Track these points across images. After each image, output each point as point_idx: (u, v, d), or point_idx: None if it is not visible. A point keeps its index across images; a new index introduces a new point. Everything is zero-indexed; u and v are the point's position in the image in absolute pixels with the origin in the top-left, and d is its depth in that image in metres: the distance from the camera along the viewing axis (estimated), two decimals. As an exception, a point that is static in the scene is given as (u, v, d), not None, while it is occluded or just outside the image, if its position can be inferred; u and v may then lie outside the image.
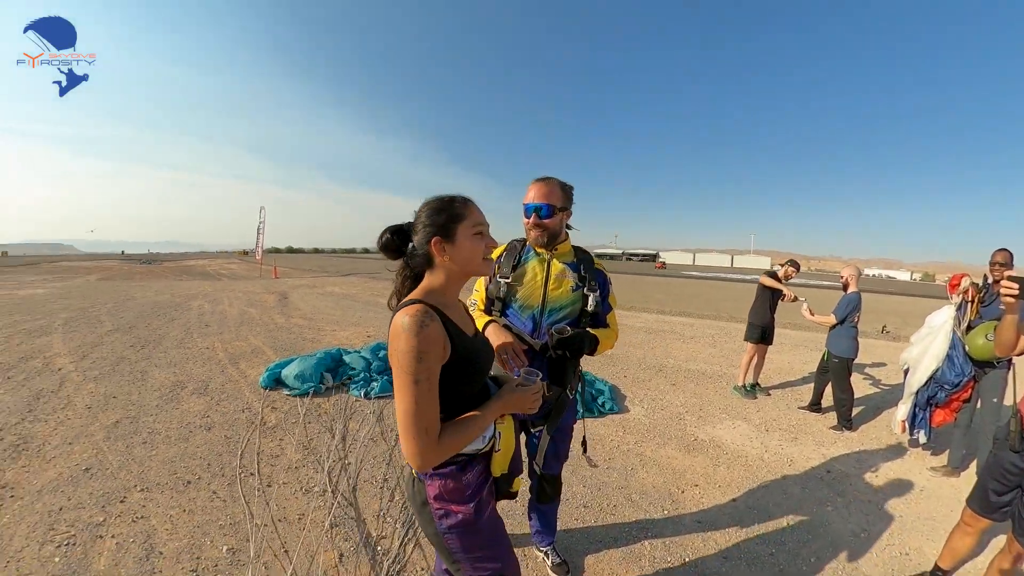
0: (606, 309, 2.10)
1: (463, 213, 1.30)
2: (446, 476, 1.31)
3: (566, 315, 2.01)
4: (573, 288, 2.01)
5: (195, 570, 2.39)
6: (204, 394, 5.06)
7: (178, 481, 3.26)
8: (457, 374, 1.25)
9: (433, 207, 1.31)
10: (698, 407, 5.06)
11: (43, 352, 6.78)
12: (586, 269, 2.05)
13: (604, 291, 2.09)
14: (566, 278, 2.01)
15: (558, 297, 2.00)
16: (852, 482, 3.55)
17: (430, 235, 1.29)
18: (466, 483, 1.32)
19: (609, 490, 3.26)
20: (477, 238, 1.32)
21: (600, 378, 5.60)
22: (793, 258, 5.76)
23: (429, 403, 1.16)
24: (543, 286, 2.01)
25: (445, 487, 1.31)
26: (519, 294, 2.02)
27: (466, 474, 1.33)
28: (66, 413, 4.48)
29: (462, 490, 1.31)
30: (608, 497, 3.16)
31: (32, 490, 3.13)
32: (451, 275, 1.33)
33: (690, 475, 3.50)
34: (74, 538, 2.65)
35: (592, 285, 2.03)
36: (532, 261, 2.05)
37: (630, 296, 19.11)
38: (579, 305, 2.03)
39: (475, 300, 2.14)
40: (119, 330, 8.49)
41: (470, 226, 1.30)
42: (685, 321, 11.59)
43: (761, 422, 4.68)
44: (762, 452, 3.95)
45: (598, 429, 4.28)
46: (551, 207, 1.94)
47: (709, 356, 7.72)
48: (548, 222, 1.96)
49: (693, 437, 4.22)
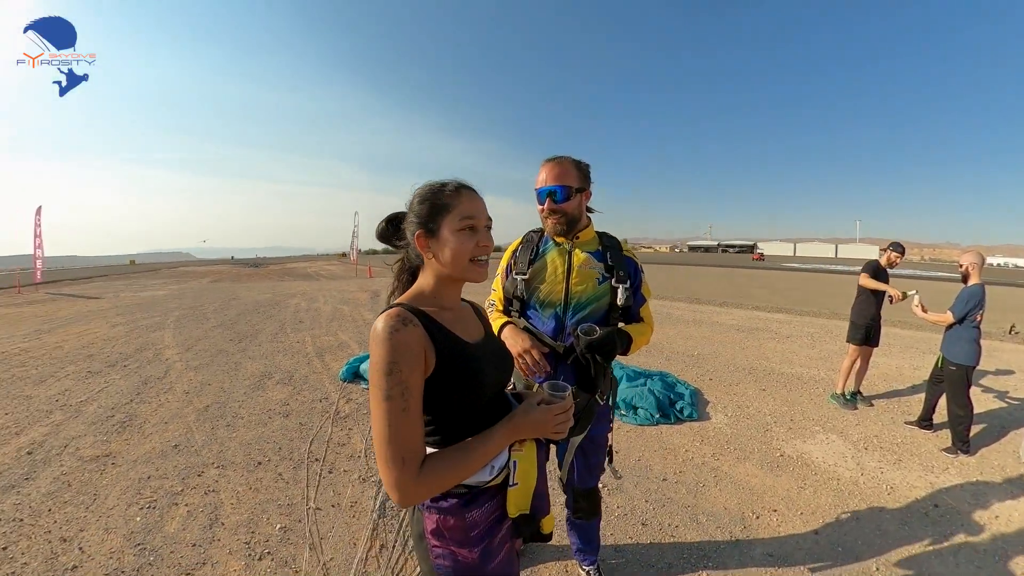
0: (639, 302, 1.88)
1: (449, 203, 1.09)
2: (446, 511, 1.08)
3: (593, 311, 1.80)
4: (599, 280, 1.80)
5: (248, 543, 2.56)
6: (288, 384, 5.45)
7: (250, 461, 3.52)
8: (449, 387, 1.04)
9: (419, 195, 1.13)
10: (788, 417, 4.57)
11: (155, 344, 7.71)
12: (613, 257, 1.83)
13: (636, 281, 1.87)
14: (590, 269, 1.81)
15: (582, 291, 1.80)
16: (965, 522, 2.94)
17: (414, 228, 1.12)
18: (471, 522, 1.09)
19: (674, 507, 2.99)
20: (464, 234, 1.09)
21: (682, 380, 5.26)
22: (898, 241, 4.93)
23: (405, 424, 0.95)
24: (564, 280, 1.81)
25: (445, 523, 1.09)
26: (538, 291, 1.84)
27: (471, 511, 1.09)
28: (167, 397, 5.03)
29: (466, 530, 1.09)
30: (671, 515, 2.90)
31: (129, 459, 3.55)
32: (440, 275, 1.13)
33: (769, 497, 3.13)
34: (155, 503, 2.96)
35: (621, 275, 1.81)
36: (551, 252, 1.86)
37: (722, 291, 17.96)
38: (607, 299, 1.81)
39: (492, 301, 1.99)
40: (222, 326, 9.42)
41: (456, 219, 1.08)
42: (782, 318, 10.67)
43: (860, 438, 4.12)
44: (857, 475, 3.48)
45: (672, 437, 4.00)
46: (567, 189, 1.74)
47: (806, 358, 6.99)
48: (565, 206, 1.76)
49: (779, 452, 3.80)
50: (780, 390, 5.37)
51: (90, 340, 8.12)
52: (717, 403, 4.87)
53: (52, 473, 3.35)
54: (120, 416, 4.46)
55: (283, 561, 2.41)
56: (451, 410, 1.06)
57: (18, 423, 4.31)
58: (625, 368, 5.39)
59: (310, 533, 2.64)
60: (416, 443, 0.97)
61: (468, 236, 1.09)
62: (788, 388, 5.45)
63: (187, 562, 2.41)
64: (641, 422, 4.15)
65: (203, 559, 2.44)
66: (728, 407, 4.76)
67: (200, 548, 2.52)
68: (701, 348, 7.45)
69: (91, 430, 4.13)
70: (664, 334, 8.57)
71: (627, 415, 4.25)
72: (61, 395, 5.12)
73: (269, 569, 2.36)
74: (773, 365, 6.48)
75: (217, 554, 2.48)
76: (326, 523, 2.74)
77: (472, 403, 1.09)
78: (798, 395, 5.21)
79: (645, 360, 6.48)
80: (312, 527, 2.70)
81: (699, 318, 10.54)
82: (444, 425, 1.07)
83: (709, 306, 12.77)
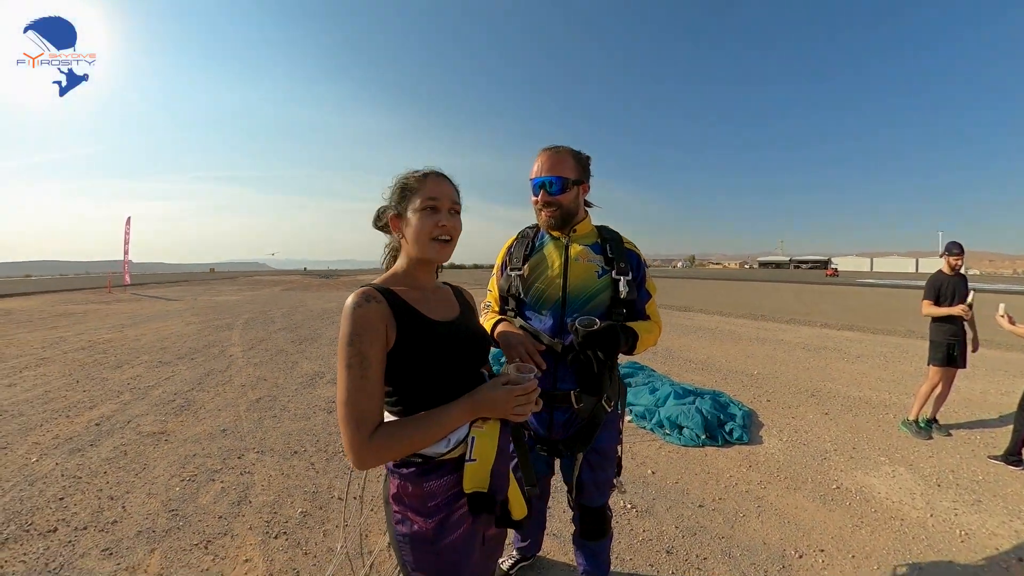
0: (644, 297, 1.80)
1: (416, 186, 1.19)
2: (405, 478, 1.15)
3: (593, 307, 1.72)
4: (599, 273, 1.73)
5: (268, 522, 2.72)
6: (336, 384, 5.74)
7: (287, 450, 3.73)
8: (409, 361, 1.11)
9: (395, 182, 1.24)
10: (851, 445, 4.15)
11: (223, 342, 8.41)
12: (613, 250, 1.77)
13: (639, 275, 1.79)
14: (589, 261, 1.75)
15: (581, 285, 1.73)
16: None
17: (390, 212, 1.23)
18: (428, 492, 1.14)
19: (706, 537, 2.78)
20: (426, 213, 1.18)
21: (736, 400, 5.00)
22: (956, 241, 4.37)
23: (359, 391, 1.04)
24: (562, 274, 1.74)
25: (404, 489, 1.15)
26: (535, 287, 1.77)
27: (429, 481, 1.14)
28: (224, 388, 5.46)
29: (423, 499, 1.14)
30: (702, 546, 2.70)
31: (180, 438, 3.89)
32: (411, 257, 1.23)
33: (818, 534, 2.83)
34: (195, 477, 3.23)
35: (622, 267, 1.73)
36: (548, 247, 1.81)
37: (789, 307, 16.82)
38: (608, 293, 1.73)
39: (488, 302, 1.92)
40: (286, 329, 10.08)
41: (419, 200, 1.18)
42: (853, 336, 9.93)
43: (932, 472, 3.65)
44: (925, 516, 3.07)
45: (717, 461, 3.78)
46: (563, 180, 1.69)
47: (877, 380, 6.39)
48: (560, 198, 1.70)
49: (835, 484, 3.45)
50: (844, 415, 4.93)
51: (165, 335, 9.01)
52: (772, 426, 4.55)
53: (113, 443, 3.76)
54: (180, 401, 4.89)
55: (296, 542, 2.54)
56: (413, 383, 1.13)
57: (93, 400, 4.86)
58: (675, 385, 5.20)
59: (327, 520, 2.76)
60: (371, 409, 1.05)
61: (429, 215, 1.17)
62: (854, 413, 5.00)
63: (210, 531, 2.61)
64: (685, 443, 3.97)
65: (225, 530, 2.62)
66: (784, 431, 4.43)
67: (225, 520, 2.71)
68: (761, 367, 7.04)
69: (152, 410, 4.58)
70: (723, 351, 8.23)
71: (671, 435, 4.08)
72: (132, 380, 5.71)
73: (282, 547, 2.49)
74: (839, 387, 5.98)
75: (238, 528, 2.66)
76: (345, 513, 2.86)
77: (434, 377, 1.15)
78: (864, 421, 4.75)
79: (699, 378, 6.24)
80: (331, 515, 2.82)
81: (763, 335, 10.02)
82: (406, 396, 1.14)
83: (774, 323, 12.14)
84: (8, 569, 2.27)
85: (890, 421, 4.74)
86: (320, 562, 2.38)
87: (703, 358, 7.63)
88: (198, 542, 2.51)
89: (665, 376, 6.01)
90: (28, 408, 4.58)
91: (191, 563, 2.34)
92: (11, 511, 2.76)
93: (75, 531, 2.58)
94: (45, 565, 2.30)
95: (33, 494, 2.96)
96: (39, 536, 2.53)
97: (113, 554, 2.39)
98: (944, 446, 4.13)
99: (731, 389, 5.68)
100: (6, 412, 4.46)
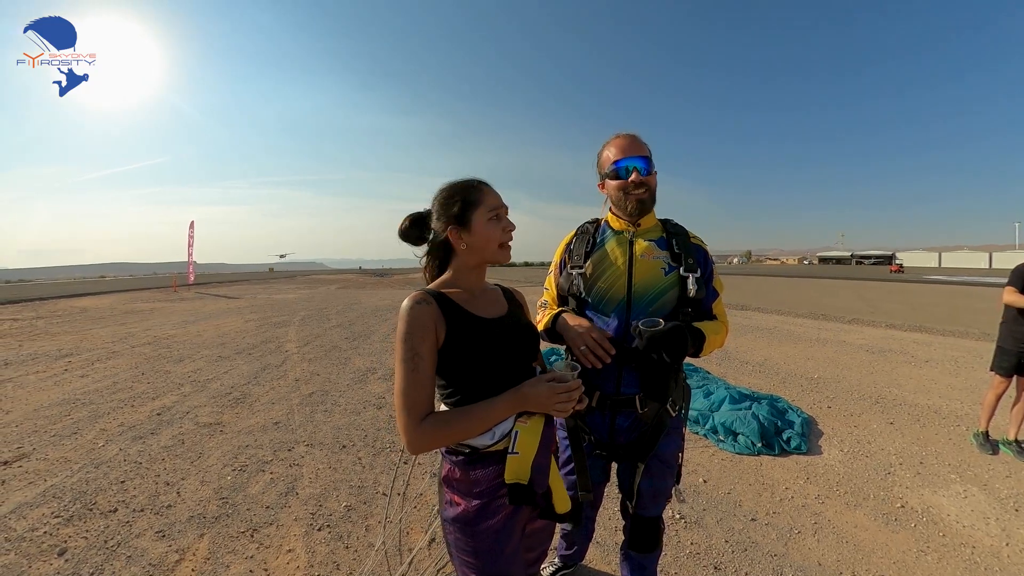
0: (711, 296, 1.75)
1: (478, 199, 1.32)
2: (455, 464, 1.30)
3: (660, 306, 1.67)
4: (665, 270, 1.68)
5: (313, 514, 2.84)
6: (388, 380, 5.92)
7: (336, 444, 3.88)
8: (459, 356, 1.25)
9: (446, 194, 1.34)
10: (918, 459, 3.81)
11: (279, 338, 8.89)
12: (680, 245, 1.71)
13: (706, 271, 1.73)
14: (655, 258, 1.69)
15: (647, 283, 1.67)
16: None
17: (445, 224, 1.33)
18: (474, 479, 1.28)
19: (757, 554, 2.64)
20: (492, 222, 1.32)
21: (795, 407, 4.73)
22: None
23: (413, 384, 1.19)
24: (626, 272, 1.69)
25: (453, 474, 1.31)
26: (597, 286, 1.73)
27: (474, 469, 1.28)
28: (279, 382, 5.76)
29: (469, 484, 1.28)
30: (752, 563, 2.56)
31: (235, 429, 4.15)
32: (467, 263, 1.36)
33: (878, 558, 2.61)
34: (246, 467, 3.44)
35: (690, 263, 1.68)
36: (610, 242, 1.76)
37: (852, 306, 15.65)
38: (675, 292, 1.68)
39: (545, 300, 1.92)
40: (340, 326, 10.53)
41: (485, 211, 1.32)
42: (921, 339, 9.17)
43: (1009, 495, 3.26)
44: (1000, 543, 2.75)
45: (773, 471, 3.59)
46: (649, 161, 1.68)
47: (947, 388, 5.82)
48: (649, 179, 1.69)
49: (900, 502, 3.18)
50: (912, 425, 4.53)
51: (225, 331, 9.66)
52: (833, 435, 4.25)
53: (172, 432, 4.06)
54: (236, 394, 5.21)
55: (338, 535, 2.63)
56: (464, 376, 1.27)
57: (155, 391, 5.28)
58: (730, 389, 4.98)
59: (371, 515, 2.84)
60: (422, 399, 1.20)
61: (496, 223, 1.33)
62: (922, 423, 4.58)
63: (257, 520, 2.76)
64: (739, 450, 3.79)
65: (271, 520, 2.76)
66: (845, 441, 4.13)
67: (272, 511, 2.86)
68: (822, 370, 6.63)
69: (210, 402, 4.91)
70: (782, 353, 7.85)
71: (725, 441, 3.91)
72: (193, 373, 6.15)
73: (324, 540, 2.59)
74: (906, 394, 5.51)
75: (284, 518, 2.79)
76: (388, 509, 2.93)
77: (483, 371, 1.28)
78: (933, 432, 4.34)
79: (756, 381, 5.95)
80: (374, 510, 2.90)
81: (824, 336, 9.44)
82: (460, 389, 1.27)
83: (836, 323, 11.40)
84: (71, 544, 2.50)
85: (961, 434, 4.30)
86: (360, 556, 2.46)
87: (760, 360, 7.33)
88: (245, 530, 2.66)
89: (720, 378, 5.80)
90: (98, 398, 5.03)
91: (237, 550, 2.49)
92: (77, 491, 3.04)
93: (133, 512, 2.81)
94: (104, 543, 2.51)
95: (98, 476, 3.25)
96: (100, 515, 2.77)
97: (166, 536, 2.58)
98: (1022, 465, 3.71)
99: (789, 394, 5.39)
100: (78, 401, 4.91)
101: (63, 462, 3.47)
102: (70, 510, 2.82)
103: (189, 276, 27.70)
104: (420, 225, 1.39)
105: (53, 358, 7.05)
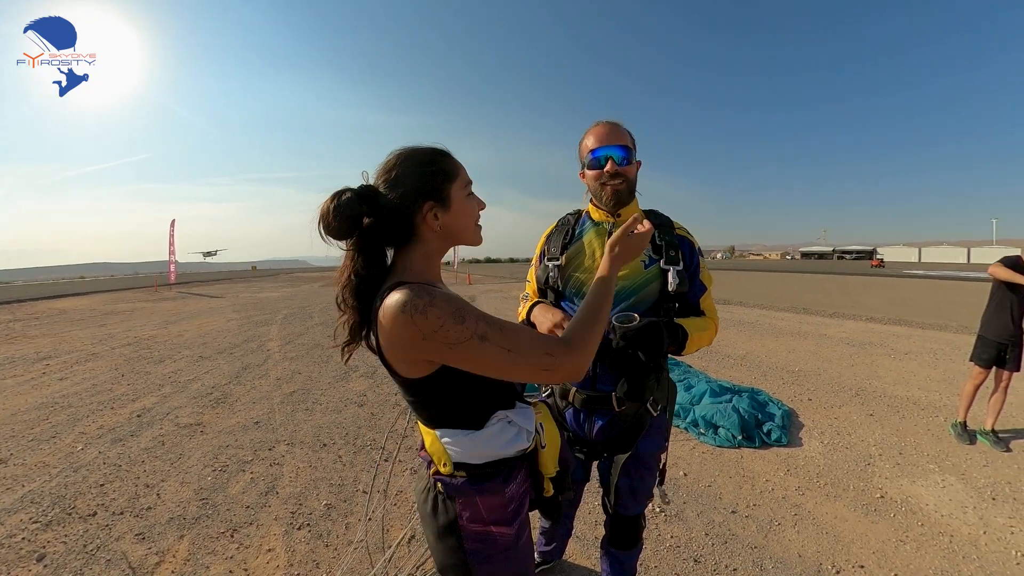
0: (697, 290, 1.68)
1: (453, 170, 1.10)
2: (488, 491, 1.10)
3: (639, 300, 1.62)
4: (645, 263, 1.62)
5: (293, 513, 2.90)
6: (370, 378, 5.97)
7: (317, 442, 3.94)
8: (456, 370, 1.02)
9: (420, 161, 1.07)
10: (898, 449, 3.94)
11: (261, 337, 8.91)
12: (662, 236, 1.65)
13: (692, 265, 1.67)
14: None
15: (626, 276, 1.61)
16: None
17: (418, 200, 1.05)
18: (509, 497, 1.12)
19: (737, 546, 2.71)
20: (472, 198, 1.14)
21: (776, 399, 4.87)
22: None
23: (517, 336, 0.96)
24: None
25: (486, 504, 1.10)
26: (574, 278, 1.69)
27: (509, 486, 1.12)
28: (260, 381, 5.81)
29: (504, 506, 1.11)
30: (732, 555, 2.63)
31: (215, 430, 4.19)
32: (434, 248, 1.12)
33: (858, 548, 2.70)
34: (226, 467, 3.48)
35: (672, 256, 1.62)
36: (588, 234, 1.71)
37: (833, 300, 16.05)
38: (656, 286, 1.62)
39: (527, 293, 1.88)
40: (323, 324, 10.53)
41: (462, 185, 1.11)
42: (901, 332, 9.50)
43: (987, 484, 3.40)
44: (978, 532, 2.87)
45: (753, 463, 3.70)
46: (628, 150, 1.61)
47: (926, 379, 6.02)
48: (627, 170, 1.62)
49: (879, 492, 3.31)
50: (891, 416, 4.68)
51: (206, 331, 9.66)
52: (813, 427, 4.39)
53: (152, 433, 4.10)
54: (217, 394, 5.25)
55: (318, 534, 2.69)
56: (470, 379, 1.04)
57: (136, 392, 5.30)
58: (712, 382, 5.10)
59: (351, 513, 2.91)
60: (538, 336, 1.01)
61: (473, 200, 1.14)
62: (901, 414, 4.74)
63: (237, 520, 2.81)
64: (720, 443, 3.90)
65: (251, 520, 2.82)
66: (825, 433, 4.26)
67: (252, 510, 2.91)
68: (803, 363, 6.82)
69: (191, 403, 4.94)
70: (764, 346, 8.05)
71: (706, 434, 4.02)
72: (173, 374, 6.17)
73: (304, 539, 2.65)
74: (885, 386, 5.68)
75: (264, 518, 2.84)
76: (369, 507, 2.99)
77: None
78: (912, 423, 4.49)
79: (738, 374, 6.11)
80: (355, 508, 2.97)
81: (805, 329, 9.72)
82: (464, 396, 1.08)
83: (817, 316, 11.73)
84: (49, 549, 2.53)
85: (940, 424, 4.47)
86: (340, 554, 2.52)
87: (742, 353, 7.52)
88: (225, 530, 2.71)
89: (701, 372, 5.93)
90: (76, 400, 5.04)
91: (216, 550, 2.54)
92: (56, 496, 3.07)
93: (112, 516, 2.84)
94: (83, 547, 2.55)
95: (77, 480, 3.28)
96: (79, 520, 2.81)
97: (146, 539, 2.63)
98: (1000, 455, 3.85)
99: (770, 386, 5.54)
100: (57, 404, 4.92)
101: (41, 467, 3.49)
102: (48, 515, 2.84)
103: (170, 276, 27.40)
104: (369, 203, 1.03)
105: (31, 361, 7.00)
